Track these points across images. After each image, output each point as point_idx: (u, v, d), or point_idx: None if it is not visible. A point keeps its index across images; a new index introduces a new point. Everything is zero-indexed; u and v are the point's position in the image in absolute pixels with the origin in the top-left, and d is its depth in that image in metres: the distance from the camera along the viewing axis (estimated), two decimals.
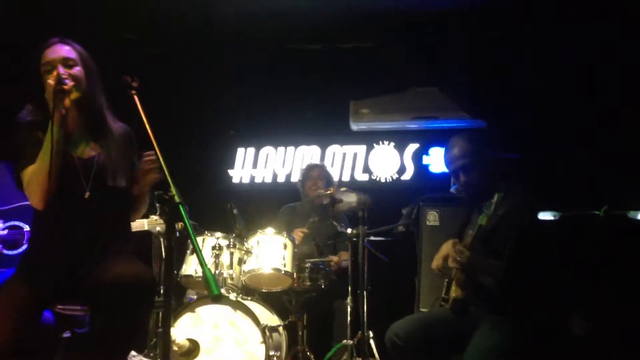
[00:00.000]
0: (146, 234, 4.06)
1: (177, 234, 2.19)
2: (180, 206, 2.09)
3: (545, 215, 2.63)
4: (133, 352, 3.53)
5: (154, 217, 3.85)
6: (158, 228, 3.94)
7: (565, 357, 2.90)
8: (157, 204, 2.61)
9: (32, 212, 2.52)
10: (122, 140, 2.59)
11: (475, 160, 2.81)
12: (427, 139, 5.73)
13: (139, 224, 3.72)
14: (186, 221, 2.09)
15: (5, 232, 3.39)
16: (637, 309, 3.15)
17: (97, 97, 2.54)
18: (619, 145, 4.19)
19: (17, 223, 3.41)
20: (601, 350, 3.20)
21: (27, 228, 3.40)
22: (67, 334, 2.62)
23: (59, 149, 2.34)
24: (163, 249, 3.98)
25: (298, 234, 4.37)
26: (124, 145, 2.59)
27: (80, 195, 2.45)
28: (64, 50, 2.48)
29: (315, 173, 4.80)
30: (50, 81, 2.35)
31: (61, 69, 2.41)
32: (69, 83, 2.38)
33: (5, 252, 3.38)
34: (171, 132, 4.30)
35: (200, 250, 3.24)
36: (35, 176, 2.36)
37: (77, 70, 2.47)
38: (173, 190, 2.11)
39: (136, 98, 2.37)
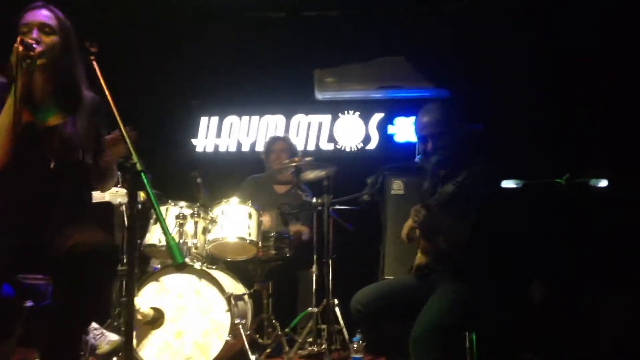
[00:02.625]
0: (107, 205, 4.01)
1: (140, 203, 2.15)
2: (142, 174, 2.05)
3: (508, 184, 2.66)
4: (94, 324, 3.49)
5: (115, 189, 3.79)
6: (119, 199, 3.88)
7: (524, 324, 2.97)
8: (119, 172, 2.60)
9: None
10: (91, 112, 2.54)
11: (445, 129, 2.83)
12: (392, 109, 5.73)
13: (100, 195, 3.65)
14: (148, 189, 2.05)
15: None
16: (596, 277, 3.24)
17: (71, 67, 2.48)
18: (581, 113, 4.25)
19: None
20: (560, 316, 3.28)
21: None
22: (29, 304, 2.57)
23: (18, 115, 2.29)
24: (125, 218, 3.93)
25: (267, 219, 4.34)
26: (92, 117, 2.54)
27: (43, 164, 2.40)
28: (44, 16, 2.44)
29: (279, 146, 4.75)
30: (17, 45, 2.30)
31: (35, 33, 2.37)
32: (37, 48, 2.33)
33: None
34: (133, 101, 4.22)
35: (164, 219, 3.22)
36: None
37: (53, 38, 2.43)
38: (135, 158, 2.07)
39: (95, 64, 2.31)
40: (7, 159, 2.32)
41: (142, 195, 2.13)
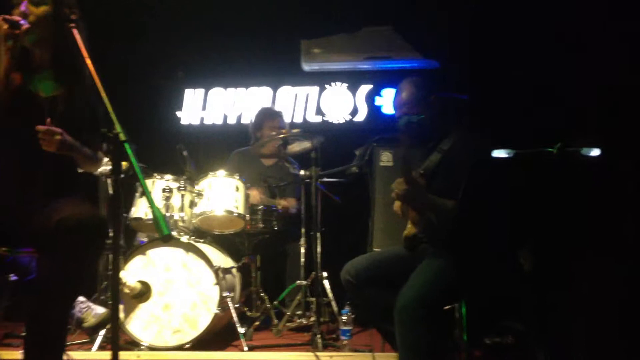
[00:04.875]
0: (91, 176, 3.94)
1: (123, 174, 2.09)
2: (126, 144, 2.00)
3: (499, 153, 2.63)
4: (81, 298, 3.46)
5: None
6: (100, 169, 3.81)
7: (514, 293, 2.97)
8: (103, 143, 2.54)
9: None
10: (88, 84, 2.47)
11: (422, 105, 2.80)
12: (380, 80, 5.68)
13: None
14: (132, 160, 2.00)
15: None
16: (589, 247, 3.24)
17: (66, 39, 2.38)
18: (574, 82, 4.22)
19: None
20: (549, 286, 3.29)
21: None
22: (13, 277, 2.53)
23: (3, 84, 2.28)
24: (110, 191, 3.87)
25: (255, 193, 4.28)
26: (89, 89, 2.47)
27: (30, 135, 2.32)
28: None
29: (275, 123, 4.56)
30: (0, 21, 2.26)
31: (24, 6, 2.33)
32: (24, 25, 2.29)
33: None
34: (118, 73, 4.13)
35: (149, 191, 3.17)
36: None
37: (43, 8, 2.37)
38: (118, 128, 2.01)
39: (75, 32, 2.25)
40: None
41: (125, 165, 2.07)
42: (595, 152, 2.55)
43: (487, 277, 2.72)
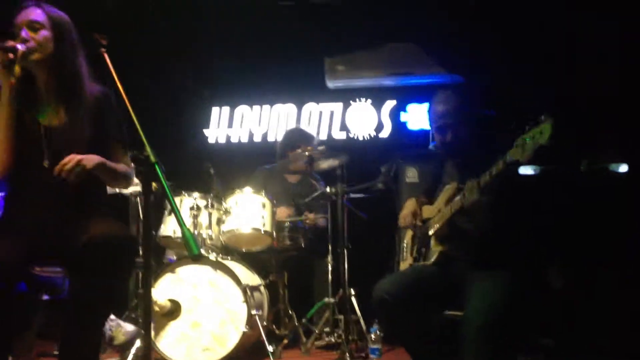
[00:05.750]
0: (121, 196, 4.01)
1: (153, 194, 2.13)
2: (156, 165, 2.03)
3: (525, 170, 2.62)
4: (112, 316, 3.50)
5: None
6: (130, 190, 3.88)
7: (544, 310, 2.94)
8: (133, 165, 2.58)
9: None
10: (95, 107, 2.51)
11: (462, 118, 2.78)
12: (405, 96, 5.69)
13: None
14: (162, 181, 2.04)
15: None
16: (617, 263, 3.19)
17: (69, 61, 2.45)
18: (600, 98, 4.19)
19: None
20: (577, 303, 3.25)
21: None
22: (45, 297, 2.57)
23: (9, 120, 2.31)
24: (140, 210, 3.93)
25: (282, 210, 4.29)
26: (96, 111, 2.50)
27: (41, 163, 2.38)
28: (32, 13, 2.42)
29: (306, 149, 4.23)
30: None
31: (24, 32, 2.35)
32: (20, 49, 2.31)
33: None
34: (145, 93, 4.21)
35: (178, 210, 3.20)
36: None
37: (43, 33, 2.40)
38: (148, 150, 2.05)
39: (106, 56, 2.30)
40: (9, 159, 2.33)
41: (154, 186, 2.11)
42: (623, 167, 2.52)
43: (527, 295, 2.69)
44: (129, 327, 3.52)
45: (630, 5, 4.05)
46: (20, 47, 2.32)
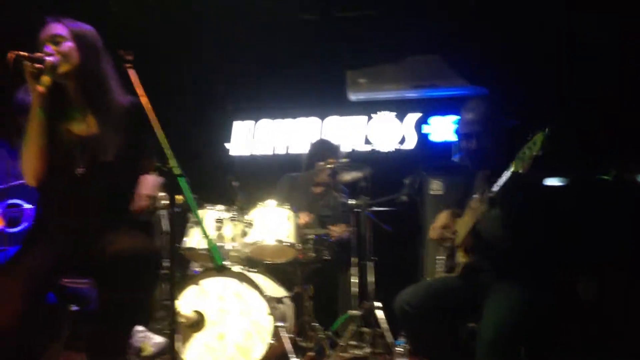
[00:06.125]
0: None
1: (177, 206, 2.16)
2: (180, 178, 2.06)
3: (552, 182, 2.59)
4: (140, 327, 3.52)
5: None
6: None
7: (574, 321, 2.89)
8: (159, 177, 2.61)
9: (32, 189, 2.50)
10: (125, 116, 2.54)
11: (491, 128, 2.76)
12: (428, 108, 5.68)
13: None
14: (187, 193, 2.06)
15: (0, 210, 3.37)
16: None
17: (95, 70, 2.49)
18: (627, 108, 4.14)
19: (15, 201, 3.39)
20: (608, 314, 3.19)
21: (26, 206, 3.37)
22: (74, 308, 2.61)
23: (40, 130, 2.36)
24: (164, 222, 3.95)
25: (305, 217, 4.30)
26: (126, 121, 2.54)
27: (73, 171, 2.43)
28: (53, 28, 2.47)
29: (332, 161, 4.25)
30: (26, 62, 2.34)
31: (48, 48, 2.40)
32: (48, 60, 2.36)
33: (7, 230, 3.36)
34: (168, 106, 4.25)
35: (203, 222, 3.22)
36: (25, 156, 2.39)
37: (66, 45, 2.44)
38: (172, 163, 2.08)
39: (132, 72, 2.33)
40: (42, 168, 2.38)
41: (179, 198, 2.14)
42: None
43: (555, 306, 2.66)
44: (158, 339, 3.54)
45: None
46: (48, 58, 2.37)
